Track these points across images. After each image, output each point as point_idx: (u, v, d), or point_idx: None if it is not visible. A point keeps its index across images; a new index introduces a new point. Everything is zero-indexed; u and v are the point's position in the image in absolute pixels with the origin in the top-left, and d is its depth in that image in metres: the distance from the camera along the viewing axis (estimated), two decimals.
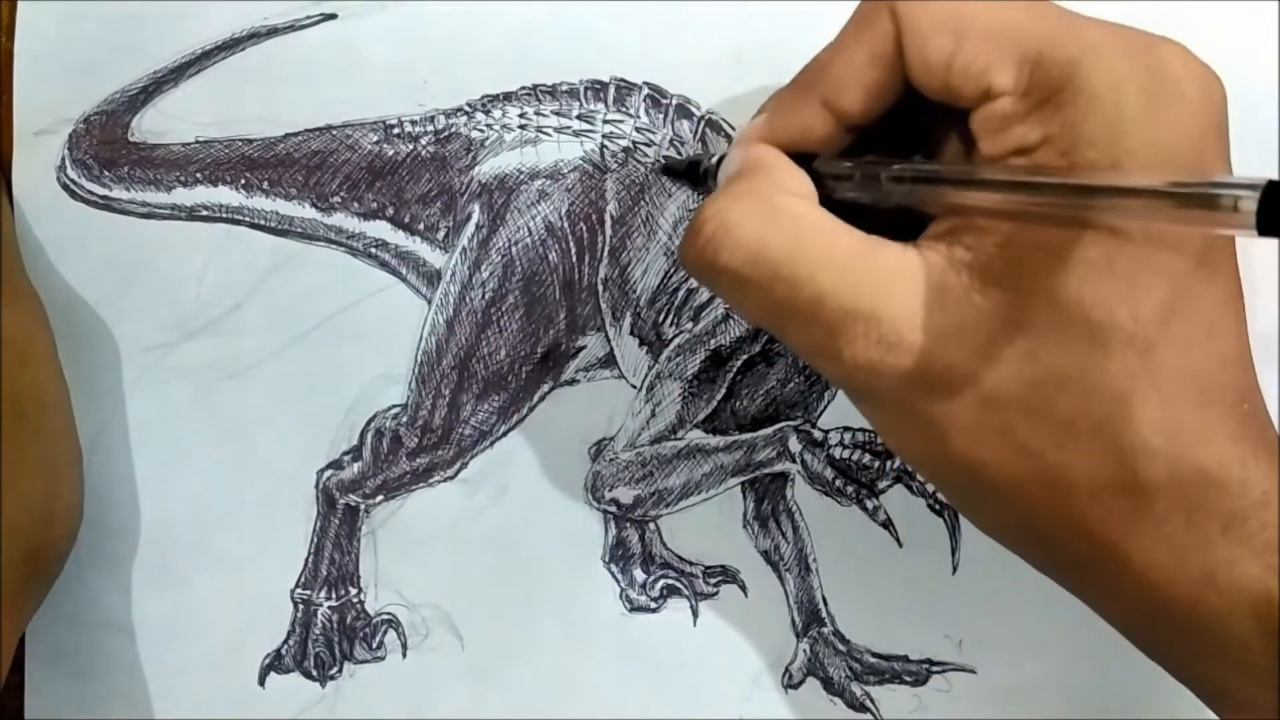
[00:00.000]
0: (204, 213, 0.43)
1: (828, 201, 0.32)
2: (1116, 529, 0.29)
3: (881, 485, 0.43)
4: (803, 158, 0.33)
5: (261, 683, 0.43)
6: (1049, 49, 0.29)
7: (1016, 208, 0.29)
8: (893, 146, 0.33)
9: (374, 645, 0.43)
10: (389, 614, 0.43)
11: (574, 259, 0.42)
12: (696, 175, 0.39)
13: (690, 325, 0.43)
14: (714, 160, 0.37)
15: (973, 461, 0.30)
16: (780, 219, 0.31)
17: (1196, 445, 0.28)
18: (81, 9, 0.42)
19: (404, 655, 0.43)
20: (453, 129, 0.42)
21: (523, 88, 0.42)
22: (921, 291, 0.29)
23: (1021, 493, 0.30)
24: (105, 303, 0.43)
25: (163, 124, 0.43)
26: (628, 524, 0.43)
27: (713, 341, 0.43)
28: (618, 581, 0.43)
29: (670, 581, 0.43)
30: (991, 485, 0.30)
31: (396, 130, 0.42)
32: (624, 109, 0.42)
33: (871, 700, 0.43)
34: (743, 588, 0.43)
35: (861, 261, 0.30)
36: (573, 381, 0.43)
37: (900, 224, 0.31)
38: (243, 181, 0.43)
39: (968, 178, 0.30)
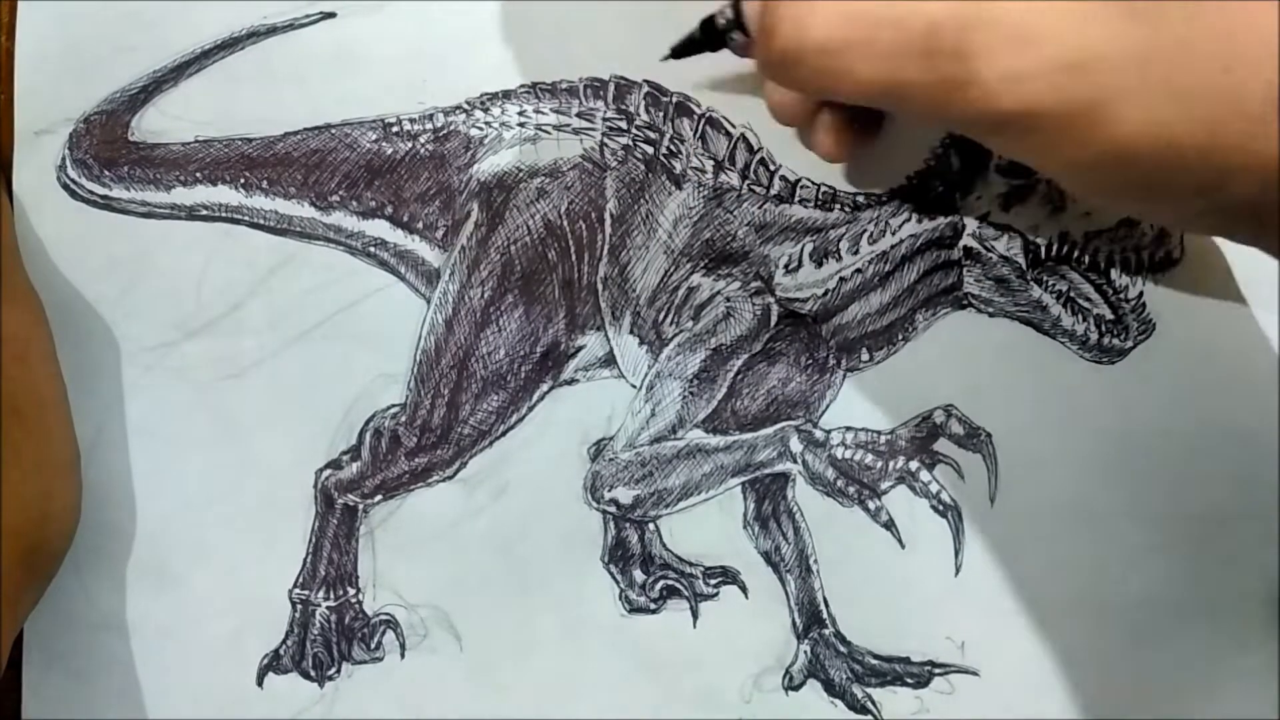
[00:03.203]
0: (204, 212, 0.43)
1: None
2: None
3: (884, 486, 0.42)
4: None
5: (259, 683, 0.43)
6: None
7: None
8: None
9: (372, 645, 0.43)
10: (387, 614, 0.43)
11: (573, 257, 0.42)
12: (715, 32, 0.37)
13: (690, 324, 0.42)
14: (726, 11, 0.36)
15: (1151, 132, 0.28)
16: None
17: None
18: (81, 9, 0.42)
19: (402, 656, 0.43)
20: (451, 127, 0.42)
21: (522, 86, 0.42)
22: None
23: (1213, 133, 0.28)
24: (105, 302, 0.43)
25: (162, 123, 0.43)
26: (627, 524, 0.43)
27: (713, 340, 0.42)
28: (617, 582, 0.43)
29: (670, 582, 0.43)
30: (1173, 153, 0.28)
31: (395, 128, 0.42)
32: (623, 107, 0.42)
33: (873, 702, 0.43)
34: (743, 589, 0.43)
35: None
36: (572, 381, 0.43)
37: None
38: (242, 180, 0.43)
39: None
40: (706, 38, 0.37)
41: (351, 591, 0.43)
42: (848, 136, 0.37)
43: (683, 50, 0.38)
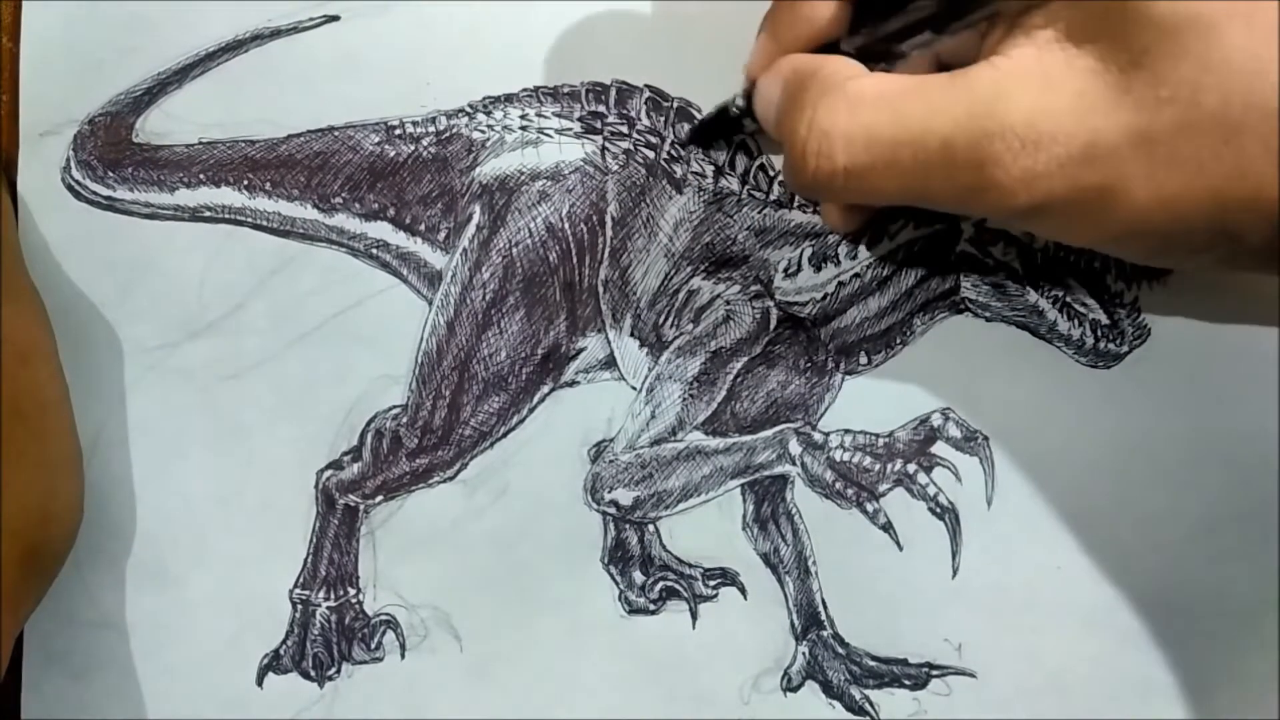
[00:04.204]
0: (207, 213, 0.43)
1: None
2: None
3: (882, 488, 0.42)
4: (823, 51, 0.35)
5: (259, 683, 0.43)
6: None
7: None
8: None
9: (372, 646, 0.43)
10: (388, 615, 0.43)
11: (574, 260, 0.42)
12: (729, 121, 0.39)
13: (690, 327, 0.43)
14: (738, 100, 0.38)
15: (1160, 207, 0.29)
16: (866, 99, 0.32)
17: None
18: (86, 10, 0.43)
19: (402, 656, 0.43)
20: (454, 130, 0.43)
21: (524, 89, 0.42)
22: (1032, 83, 0.30)
23: (1219, 199, 0.29)
24: (107, 303, 0.43)
25: (166, 125, 0.43)
26: (627, 526, 0.43)
27: (713, 343, 0.43)
28: (617, 583, 0.43)
29: (669, 583, 0.43)
30: (1182, 223, 0.30)
31: (398, 131, 0.43)
32: (625, 111, 0.42)
33: (871, 704, 0.43)
34: (742, 590, 0.43)
35: (963, 93, 0.30)
36: (573, 383, 0.43)
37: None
38: (245, 182, 0.43)
39: None
40: (720, 128, 0.40)
41: (352, 592, 0.43)
42: (858, 213, 0.39)
43: (699, 135, 0.41)
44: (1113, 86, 0.29)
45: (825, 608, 0.43)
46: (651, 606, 0.43)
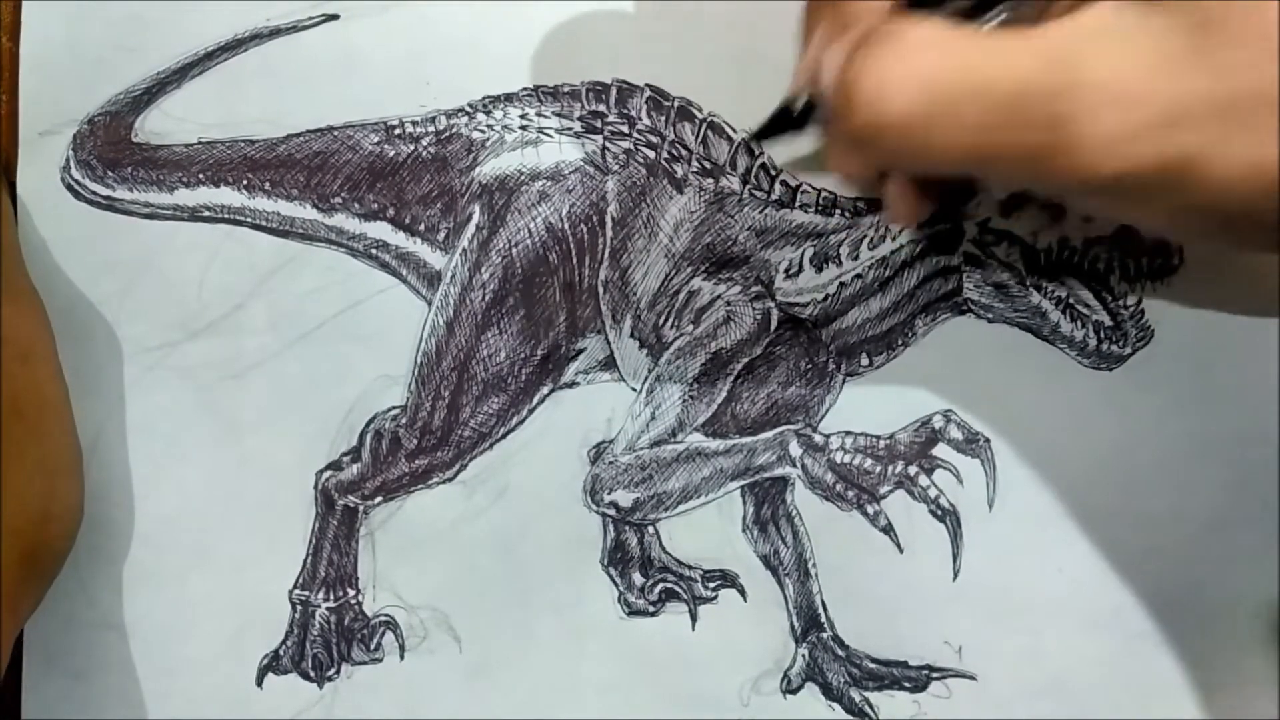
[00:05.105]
0: (206, 213, 0.43)
1: None
2: None
3: (882, 490, 0.42)
4: None
5: (259, 683, 0.43)
6: None
7: None
8: None
9: (372, 646, 0.43)
10: (387, 615, 0.43)
11: (574, 261, 0.42)
12: (792, 116, 0.36)
13: (690, 328, 0.43)
14: (799, 98, 0.35)
15: (1242, 175, 0.27)
16: (930, 43, 0.28)
17: None
18: (85, 10, 0.42)
19: (402, 657, 0.43)
20: (454, 130, 0.42)
21: (524, 89, 0.42)
22: (1113, 41, 0.27)
23: None
24: (107, 302, 0.43)
25: (166, 125, 0.43)
26: (626, 527, 0.43)
27: (713, 344, 0.42)
28: (616, 585, 0.43)
29: (669, 585, 0.43)
30: (1262, 191, 0.27)
31: (398, 131, 0.42)
32: (625, 111, 0.42)
33: (870, 706, 0.43)
34: (741, 592, 0.43)
35: (1039, 43, 0.28)
36: (572, 384, 0.43)
37: None
38: (245, 182, 0.43)
39: None
40: (786, 124, 0.37)
41: (351, 593, 0.43)
42: (923, 202, 0.36)
43: (765, 134, 0.38)
44: (1190, 49, 0.27)
45: (825, 610, 0.43)
46: (651, 608, 0.43)
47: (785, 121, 0.37)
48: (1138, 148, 0.27)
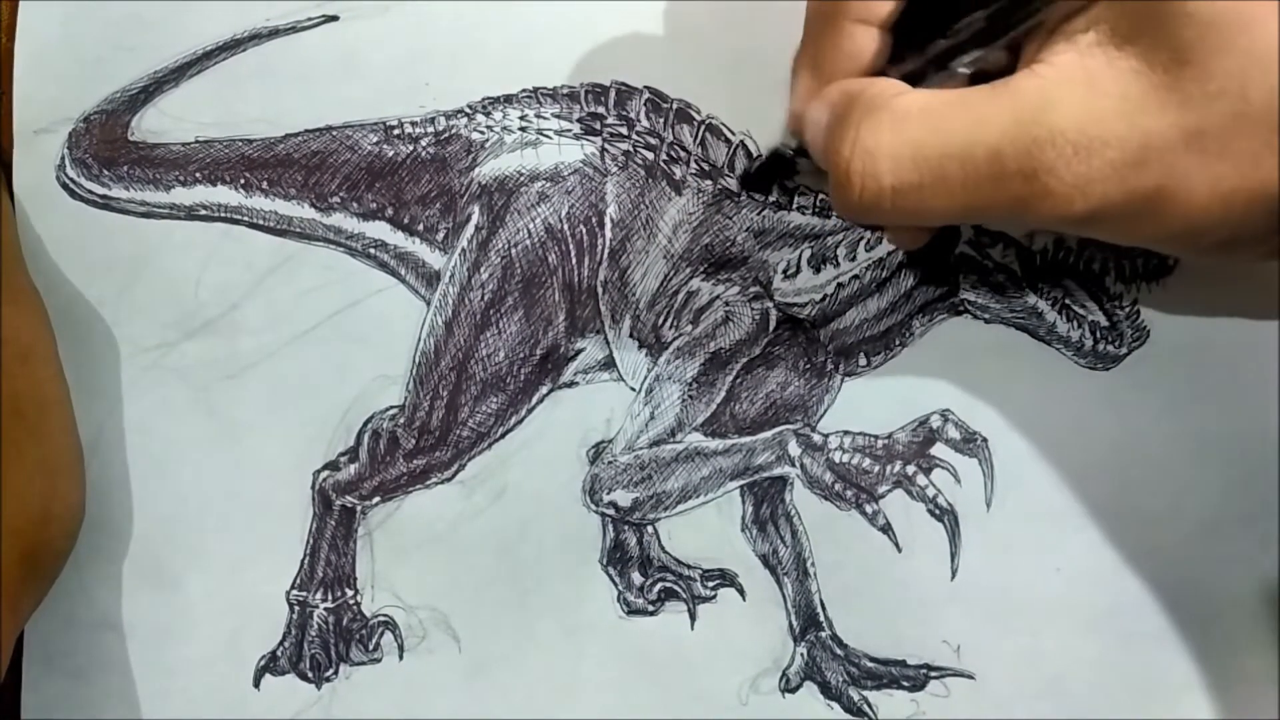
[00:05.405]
0: (203, 212, 0.43)
1: None
2: None
3: (881, 490, 0.43)
4: None
5: (257, 684, 0.43)
6: None
7: None
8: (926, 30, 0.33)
9: (370, 647, 0.43)
10: (385, 616, 0.43)
11: (573, 261, 0.42)
12: (784, 163, 0.38)
13: (689, 328, 0.43)
14: (788, 145, 0.37)
15: (1216, 203, 0.29)
16: (912, 115, 0.31)
17: None
18: (82, 9, 0.42)
19: (400, 657, 0.43)
20: (453, 130, 0.42)
21: (523, 90, 0.42)
22: (1078, 88, 0.29)
23: (1269, 202, 0.29)
24: (104, 302, 0.43)
25: (163, 124, 0.43)
26: (626, 527, 0.43)
27: (712, 344, 0.42)
28: (615, 584, 0.43)
29: (668, 585, 0.43)
30: (1238, 215, 0.29)
31: (397, 131, 0.42)
32: (624, 112, 0.42)
33: (869, 705, 0.43)
34: (741, 591, 0.43)
35: (1008, 101, 0.30)
36: (571, 384, 0.43)
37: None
38: (242, 181, 0.43)
39: None
40: (776, 171, 0.39)
41: (350, 593, 0.43)
42: (923, 231, 0.38)
43: (754, 180, 0.41)
44: (1159, 86, 0.29)
45: (824, 609, 0.43)
46: (650, 607, 0.43)
47: (776, 169, 0.39)
48: (1106, 187, 0.29)
